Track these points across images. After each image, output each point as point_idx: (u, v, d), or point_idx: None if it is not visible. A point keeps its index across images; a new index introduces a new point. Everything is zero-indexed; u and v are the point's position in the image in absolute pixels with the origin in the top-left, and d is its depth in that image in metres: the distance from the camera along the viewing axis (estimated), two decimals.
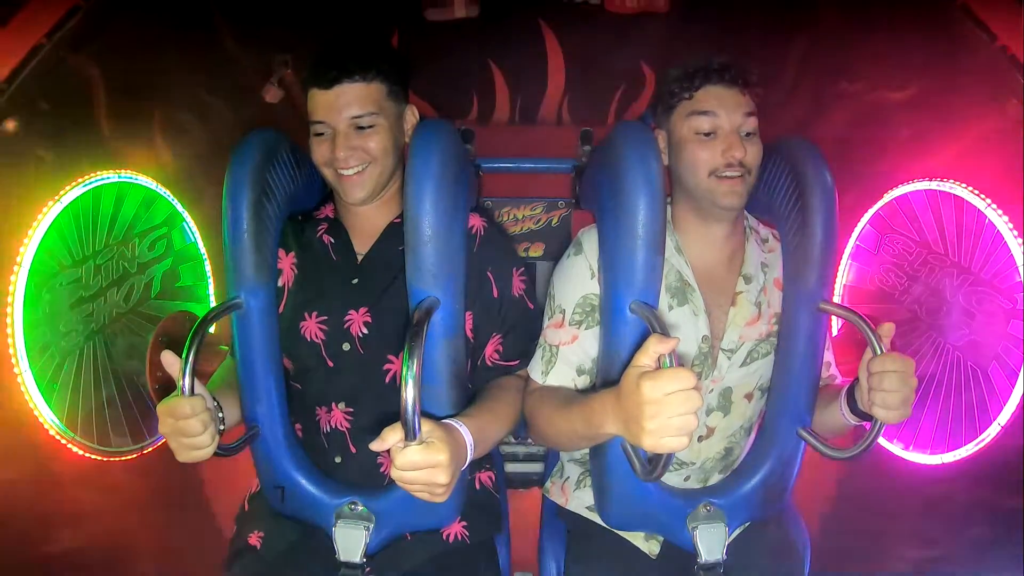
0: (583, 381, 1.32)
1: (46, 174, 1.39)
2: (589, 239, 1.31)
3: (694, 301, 1.30)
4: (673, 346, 0.91)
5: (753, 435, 1.43)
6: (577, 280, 1.30)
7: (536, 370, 1.33)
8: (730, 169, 1.23)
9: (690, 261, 1.32)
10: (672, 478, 1.36)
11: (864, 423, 1.22)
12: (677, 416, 0.88)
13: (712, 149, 1.24)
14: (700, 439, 1.34)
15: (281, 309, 1.30)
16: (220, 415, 1.14)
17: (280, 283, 1.32)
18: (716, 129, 1.25)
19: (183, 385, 1.06)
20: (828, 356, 1.42)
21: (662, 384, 0.89)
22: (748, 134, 1.26)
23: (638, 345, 0.96)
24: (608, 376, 1.18)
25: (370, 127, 1.27)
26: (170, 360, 1.08)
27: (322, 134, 1.28)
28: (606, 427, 1.01)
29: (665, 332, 0.96)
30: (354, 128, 1.26)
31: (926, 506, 1.63)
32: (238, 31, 1.83)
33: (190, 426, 1.05)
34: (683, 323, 1.29)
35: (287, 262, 1.35)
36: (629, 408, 0.93)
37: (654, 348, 0.91)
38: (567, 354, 1.30)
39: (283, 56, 1.96)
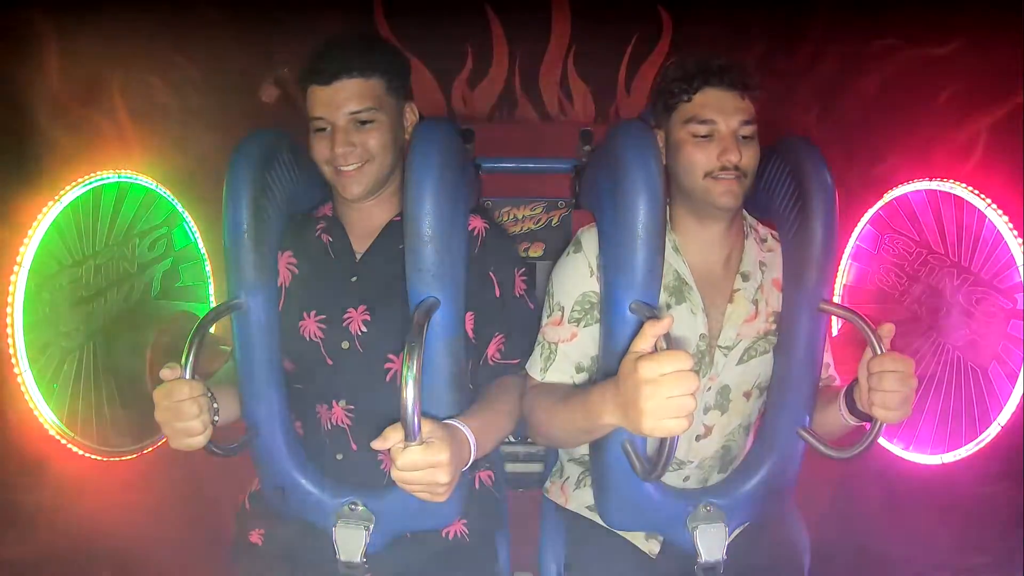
0: (581, 379, 1.32)
1: (46, 174, 1.39)
2: (588, 238, 1.32)
3: (692, 299, 1.31)
4: (668, 326, 0.92)
5: (752, 435, 1.43)
6: (576, 278, 1.31)
7: (535, 367, 1.33)
8: (725, 172, 1.24)
9: (688, 260, 1.33)
10: (671, 478, 1.37)
11: (864, 424, 1.23)
12: (674, 396, 0.89)
13: (708, 151, 1.25)
14: (698, 438, 1.35)
15: (279, 309, 1.30)
16: (215, 406, 1.14)
17: (278, 283, 1.32)
18: (713, 132, 1.26)
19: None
20: (827, 357, 1.42)
21: (658, 364, 0.90)
22: (745, 137, 1.26)
23: None
24: (608, 376, 1.18)
25: (369, 122, 1.27)
26: (170, 376, 1.08)
27: (321, 130, 1.28)
28: (605, 416, 1.01)
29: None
30: (353, 124, 1.26)
31: (926, 506, 1.63)
32: (237, 24, 1.81)
33: (185, 407, 1.06)
34: (681, 322, 1.30)
35: (283, 262, 1.35)
36: (627, 391, 0.94)
37: (650, 332, 0.92)
38: (566, 351, 1.30)
39: (282, 57, 1.93)
